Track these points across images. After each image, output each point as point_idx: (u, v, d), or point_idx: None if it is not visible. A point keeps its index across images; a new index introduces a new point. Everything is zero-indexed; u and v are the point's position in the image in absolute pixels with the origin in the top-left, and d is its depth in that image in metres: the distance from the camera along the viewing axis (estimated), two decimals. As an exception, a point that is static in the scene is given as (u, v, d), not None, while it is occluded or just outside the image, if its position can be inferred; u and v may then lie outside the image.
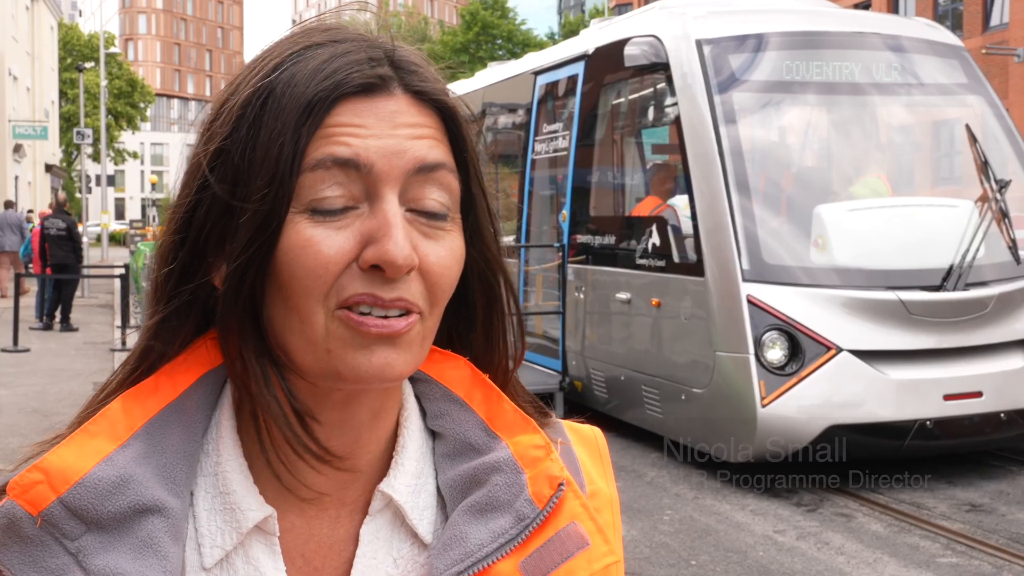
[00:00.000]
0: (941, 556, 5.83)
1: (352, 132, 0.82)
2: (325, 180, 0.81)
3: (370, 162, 0.81)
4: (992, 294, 7.36)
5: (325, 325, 0.81)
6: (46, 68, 45.24)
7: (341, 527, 0.89)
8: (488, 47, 49.27)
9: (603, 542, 0.87)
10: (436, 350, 0.94)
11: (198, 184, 0.85)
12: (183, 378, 0.87)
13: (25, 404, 9.95)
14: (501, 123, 12.01)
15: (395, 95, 0.85)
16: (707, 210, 7.45)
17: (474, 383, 0.93)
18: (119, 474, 0.81)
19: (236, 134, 0.83)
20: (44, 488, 0.80)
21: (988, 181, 7.66)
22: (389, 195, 0.82)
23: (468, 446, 0.90)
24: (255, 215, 0.81)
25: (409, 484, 0.89)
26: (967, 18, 25.87)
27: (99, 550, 0.79)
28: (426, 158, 0.84)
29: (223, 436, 0.87)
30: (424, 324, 0.84)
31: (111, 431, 0.83)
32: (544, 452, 0.88)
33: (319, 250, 0.80)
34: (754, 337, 6.99)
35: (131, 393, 0.86)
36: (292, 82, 0.83)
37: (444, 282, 0.84)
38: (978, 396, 7.16)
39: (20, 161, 38.49)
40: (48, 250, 17.11)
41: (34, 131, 36.37)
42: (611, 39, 9.07)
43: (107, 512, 0.80)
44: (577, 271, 9.34)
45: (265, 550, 0.86)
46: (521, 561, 0.84)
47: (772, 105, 8.25)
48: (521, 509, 0.86)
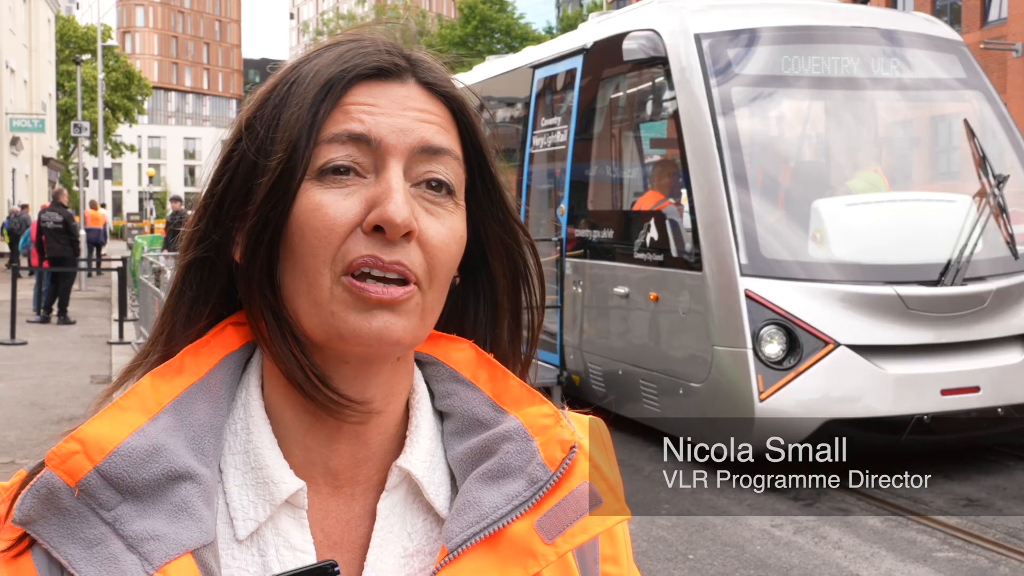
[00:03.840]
0: (938, 551, 5.84)
1: (366, 110, 0.89)
2: (338, 152, 0.87)
3: (380, 136, 0.87)
4: (990, 289, 7.37)
5: (330, 288, 0.86)
6: (43, 61, 45.14)
7: (356, 504, 0.92)
8: (486, 41, 49.21)
9: (615, 500, 0.91)
10: (441, 334, 0.98)
11: (224, 158, 0.92)
12: (207, 359, 0.91)
13: (23, 397, 9.94)
14: (499, 117, 12.00)
15: (407, 83, 0.92)
16: (705, 204, 7.44)
17: (479, 363, 0.97)
18: (151, 443, 0.84)
19: (262, 111, 0.91)
20: (81, 458, 0.83)
21: (986, 176, 7.66)
22: (394, 166, 0.87)
23: (476, 422, 0.94)
24: (273, 178, 0.87)
25: (424, 460, 0.92)
26: (965, 13, 25.85)
27: (135, 517, 0.82)
28: (431, 141, 0.89)
29: (252, 415, 0.91)
30: (424, 297, 0.88)
31: (141, 405, 0.87)
32: (554, 420, 0.92)
33: (327, 212, 0.86)
34: (752, 331, 6.99)
35: (158, 371, 0.90)
36: (315, 68, 0.91)
37: (442, 255, 0.88)
38: (975, 391, 7.17)
39: (17, 154, 38.45)
40: (45, 243, 17.11)
41: (31, 124, 36.34)
42: (609, 33, 9.06)
43: (141, 479, 0.83)
44: (575, 265, 9.34)
45: (294, 523, 0.89)
46: (537, 520, 0.87)
47: (770, 99, 8.25)
48: (534, 472, 0.89)
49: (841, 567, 5.59)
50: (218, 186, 0.91)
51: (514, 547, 0.86)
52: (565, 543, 0.87)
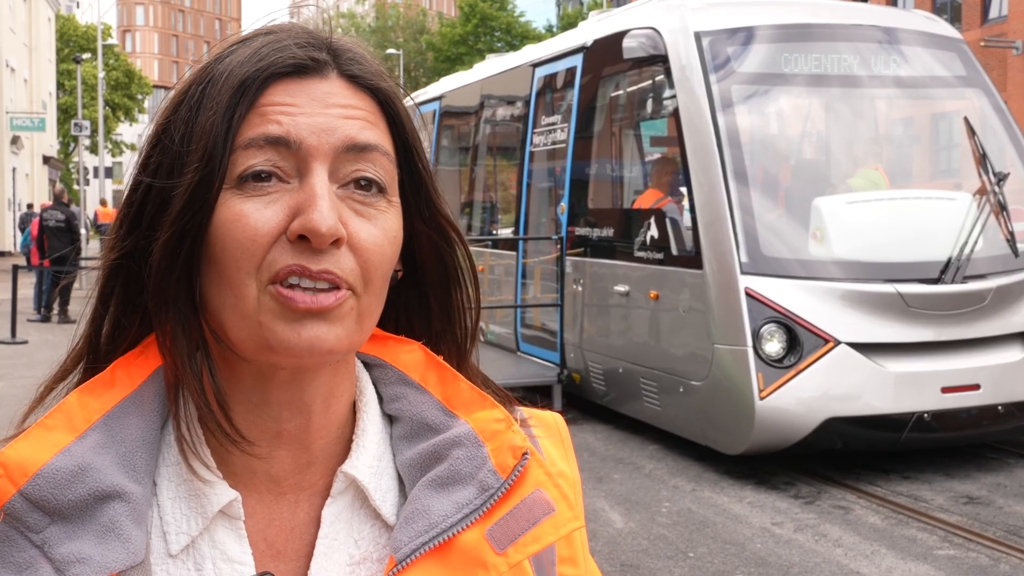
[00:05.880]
0: (938, 548, 5.84)
1: (284, 111, 0.84)
2: (257, 157, 0.83)
3: (300, 138, 0.83)
4: (990, 287, 7.37)
5: (257, 298, 0.82)
6: (43, 60, 45.15)
7: (301, 511, 0.89)
8: (487, 39, 49.21)
9: (568, 508, 0.88)
10: (389, 336, 0.96)
11: (142, 164, 0.87)
12: (139, 371, 0.88)
13: (23, 396, 9.88)
14: (499, 115, 12.00)
15: (329, 78, 0.86)
16: (705, 202, 7.44)
17: (428, 366, 0.94)
18: (77, 463, 0.82)
19: (176, 116, 0.86)
20: (4, 482, 0.81)
21: (986, 173, 7.66)
22: (318, 169, 0.83)
23: (425, 426, 0.91)
24: (189, 188, 0.82)
25: (371, 466, 0.90)
26: (966, 10, 25.83)
27: (63, 539, 0.80)
28: (356, 138, 0.85)
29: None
30: (359, 301, 0.84)
31: (68, 424, 0.84)
32: (505, 425, 0.90)
33: (248, 223, 0.81)
34: (752, 330, 6.99)
35: (87, 387, 0.87)
36: (228, 67, 0.85)
37: (375, 259, 0.84)
38: (976, 389, 7.17)
39: (18, 153, 38.46)
40: (47, 242, 17.09)
41: (32, 123, 36.35)
42: (609, 31, 9.06)
43: (68, 501, 0.81)
44: (575, 263, 9.34)
45: (231, 534, 0.86)
46: (487, 529, 0.85)
47: (770, 97, 8.24)
48: (485, 480, 0.86)
49: (841, 565, 5.59)
50: (136, 194, 0.87)
51: (464, 557, 0.84)
52: (517, 553, 0.84)
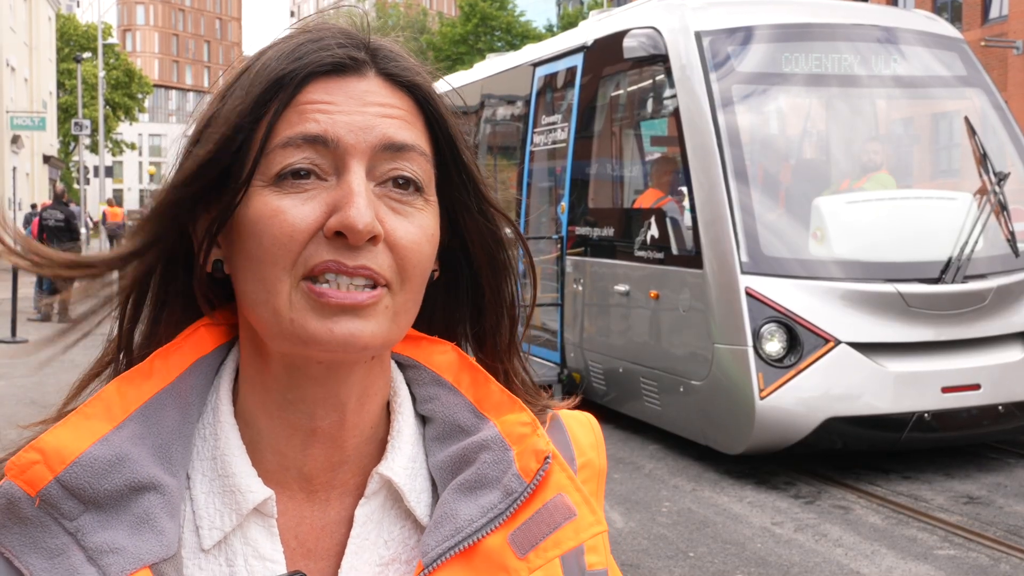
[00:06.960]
0: (939, 548, 5.84)
1: (322, 109, 0.84)
2: (295, 155, 0.83)
3: (337, 136, 0.83)
4: (990, 286, 7.36)
5: (289, 296, 0.82)
6: (44, 59, 45.11)
7: (332, 510, 0.90)
8: (487, 39, 49.17)
9: (590, 512, 0.88)
10: (423, 336, 0.96)
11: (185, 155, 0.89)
12: (178, 362, 0.89)
13: (23, 395, 9.94)
14: (500, 115, 12.00)
15: (367, 76, 0.87)
16: (706, 202, 7.44)
17: (462, 367, 0.95)
18: (115, 453, 0.82)
19: (220, 107, 0.87)
20: (41, 468, 0.81)
21: (987, 173, 7.66)
22: (355, 167, 0.83)
23: (457, 428, 0.91)
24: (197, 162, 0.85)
25: (406, 467, 0.90)
26: (966, 10, 25.81)
27: (97, 528, 0.80)
28: (394, 137, 0.85)
29: (221, 420, 0.88)
30: (395, 299, 0.84)
31: (106, 413, 0.85)
32: (531, 428, 0.90)
33: (285, 218, 0.82)
34: (752, 329, 6.99)
35: (126, 376, 0.87)
36: (267, 61, 0.86)
37: (413, 256, 0.84)
38: (976, 388, 7.17)
39: (18, 152, 38.43)
40: (46, 241, 17.12)
41: (32, 122, 36.33)
42: (610, 31, 9.06)
43: (103, 490, 0.81)
44: (575, 263, 9.33)
45: (263, 532, 0.86)
46: (510, 534, 0.85)
47: (771, 97, 8.24)
48: (509, 484, 0.87)
49: (842, 565, 5.59)
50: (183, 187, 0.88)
51: (488, 562, 0.84)
52: (537, 558, 0.85)
